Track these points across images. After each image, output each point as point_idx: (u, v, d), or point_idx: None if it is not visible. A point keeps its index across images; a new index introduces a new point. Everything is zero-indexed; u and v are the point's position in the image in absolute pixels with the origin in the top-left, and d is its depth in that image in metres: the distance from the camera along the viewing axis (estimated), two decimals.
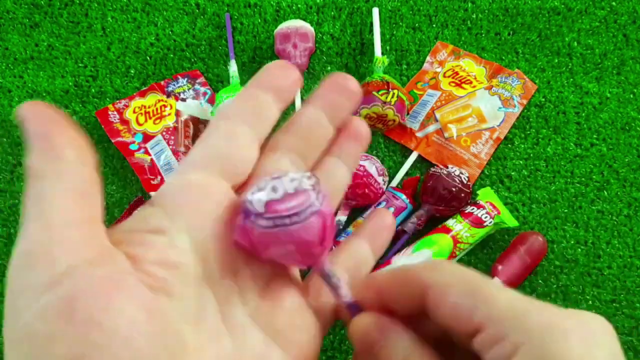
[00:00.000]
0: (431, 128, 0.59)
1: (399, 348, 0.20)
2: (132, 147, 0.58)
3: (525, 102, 0.60)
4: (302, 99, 0.61)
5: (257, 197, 0.18)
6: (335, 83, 0.22)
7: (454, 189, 0.53)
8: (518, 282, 0.52)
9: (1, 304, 0.53)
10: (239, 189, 0.21)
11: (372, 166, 0.54)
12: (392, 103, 0.55)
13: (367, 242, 0.24)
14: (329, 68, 0.64)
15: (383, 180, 0.55)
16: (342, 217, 0.55)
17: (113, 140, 0.59)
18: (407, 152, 0.59)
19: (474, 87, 0.61)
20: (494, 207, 0.53)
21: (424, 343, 0.20)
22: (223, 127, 0.22)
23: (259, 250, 0.18)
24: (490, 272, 0.52)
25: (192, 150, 0.21)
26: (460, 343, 0.19)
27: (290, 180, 0.18)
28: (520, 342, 0.16)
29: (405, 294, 0.20)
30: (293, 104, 0.60)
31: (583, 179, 0.58)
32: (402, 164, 0.58)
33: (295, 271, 0.23)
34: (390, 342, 0.20)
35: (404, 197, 0.55)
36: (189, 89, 0.62)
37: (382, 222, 0.24)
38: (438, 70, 0.63)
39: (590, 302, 0.54)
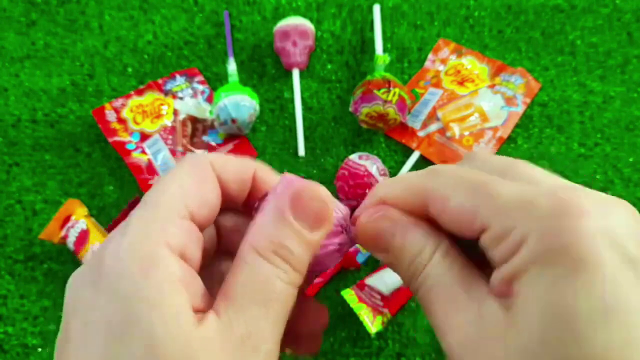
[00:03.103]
0: (433, 127, 0.59)
1: (413, 239, 0.19)
2: (129, 146, 0.58)
3: (528, 100, 0.59)
4: (302, 98, 0.60)
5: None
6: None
7: None
8: None
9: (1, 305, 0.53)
10: None
11: (373, 166, 0.53)
12: (394, 102, 0.54)
13: None
14: (329, 66, 0.63)
15: (384, 180, 0.54)
16: None
17: (110, 140, 0.58)
18: (408, 152, 0.59)
19: (477, 85, 0.60)
20: None
21: (440, 233, 0.19)
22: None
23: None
24: None
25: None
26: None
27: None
28: (527, 231, 0.15)
29: (410, 204, 0.19)
30: (292, 103, 0.60)
31: (587, 178, 0.57)
32: (403, 163, 0.58)
33: None
34: (403, 232, 0.19)
35: None
36: (187, 88, 0.61)
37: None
38: (440, 68, 0.62)
39: None
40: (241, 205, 0.22)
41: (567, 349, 0.14)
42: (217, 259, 0.22)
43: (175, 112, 0.59)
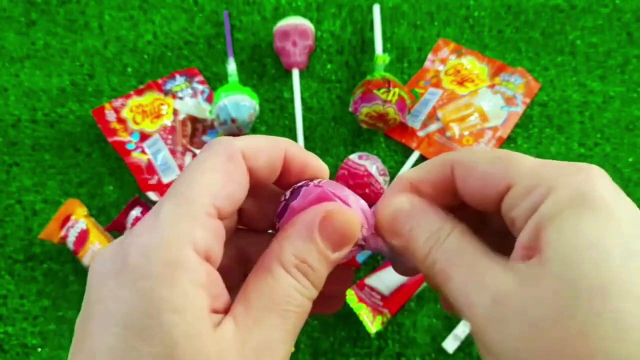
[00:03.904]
0: (433, 127, 0.59)
1: (431, 217, 0.20)
2: (129, 146, 0.58)
3: (528, 100, 0.59)
4: (301, 98, 0.60)
5: None
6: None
7: None
8: None
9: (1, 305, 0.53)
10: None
11: (373, 166, 0.53)
12: (393, 102, 0.54)
13: None
14: (329, 66, 0.63)
15: (384, 180, 0.54)
16: None
17: (110, 140, 0.58)
18: (408, 152, 0.59)
19: (477, 85, 0.60)
20: None
21: (455, 218, 0.20)
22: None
23: None
24: None
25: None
26: (488, 219, 0.20)
27: None
28: (554, 184, 0.17)
29: (436, 175, 0.21)
30: (292, 103, 0.60)
31: None
32: (403, 163, 0.58)
33: None
34: (421, 212, 0.20)
35: None
36: (186, 88, 0.61)
37: None
38: (440, 68, 0.62)
39: None
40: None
41: (604, 283, 0.15)
42: (234, 234, 0.23)
43: (175, 112, 0.59)
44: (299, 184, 0.21)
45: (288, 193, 0.21)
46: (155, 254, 0.16)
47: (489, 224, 0.21)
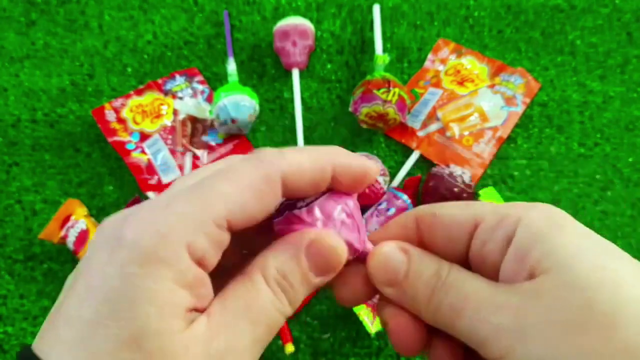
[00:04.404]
0: (433, 127, 0.59)
1: (428, 261, 0.20)
2: (129, 146, 0.58)
3: (528, 100, 0.59)
4: (301, 98, 0.60)
5: None
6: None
7: (455, 189, 0.52)
8: None
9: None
10: None
11: None
12: (393, 102, 0.54)
13: None
14: (329, 66, 0.63)
15: (384, 180, 0.54)
16: None
17: (109, 140, 0.58)
18: (408, 152, 0.59)
19: (476, 85, 0.60)
20: None
21: (451, 262, 0.20)
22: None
23: None
24: None
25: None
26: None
27: None
28: (521, 215, 0.18)
29: (401, 235, 0.22)
30: (292, 103, 0.60)
31: (586, 179, 0.57)
32: (403, 163, 0.58)
33: None
34: (418, 257, 0.21)
35: (405, 197, 0.54)
36: (186, 88, 0.61)
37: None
38: (440, 68, 0.62)
39: None
40: None
41: (601, 280, 0.16)
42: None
43: (175, 112, 0.59)
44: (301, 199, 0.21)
45: (303, 200, 0.21)
46: (151, 245, 0.16)
47: None
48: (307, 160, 0.19)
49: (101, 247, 0.17)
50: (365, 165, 0.20)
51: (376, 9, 0.62)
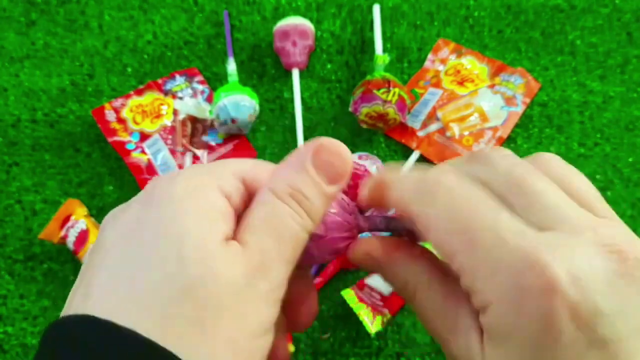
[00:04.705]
0: (433, 127, 0.59)
1: (398, 272, 0.21)
2: (129, 146, 0.58)
3: (528, 100, 0.59)
4: (301, 98, 0.60)
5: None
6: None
7: None
8: None
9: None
10: None
11: (373, 166, 0.53)
12: (393, 102, 0.54)
13: None
14: (329, 66, 0.63)
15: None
16: None
17: (109, 140, 0.58)
18: (408, 152, 0.59)
19: (476, 85, 0.60)
20: None
21: (432, 267, 0.21)
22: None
23: None
24: None
25: None
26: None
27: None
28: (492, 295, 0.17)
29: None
30: (292, 103, 0.60)
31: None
32: (403, 163, 0.58)
33: None
34: (394, 265, 0.22)
35: None
36: (186, 88, 0.61)
37: None
38: (440, 68, 0.62)
39: None
40: None
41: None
42: None
43: (175, 112, 0.59)
44: None
45: None
46: (181, 184, 0.18)
47: None
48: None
49: (131, 213, 0.19)
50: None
51: (376, 9, 0.62)
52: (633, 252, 0.15)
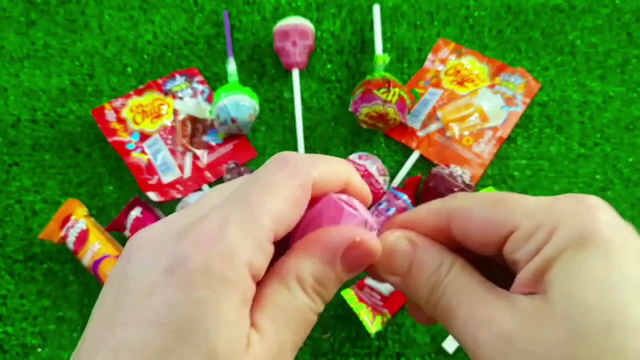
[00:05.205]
0: (433, 127, 0.59)
1: (432, 253, 0.20)
2: (129, 146, 0.58)
3: (528, 100, 0.59)
4: (301, 98, 0.60)
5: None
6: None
7: (456, 189, 0.52)
8: None
9: None
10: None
11: (373, 166, 0.53)
12: (393, 102, 0.54)
13: None
14: (329, 66, 0.63)
15: (384, 180, 0.54)
16: None
17: (109, 140, 0.58)
18: (408, 152, 0.59)
19: (476, 85, 0.60)
20: None
21: (455, 253, 0.20)
22: None
23: None
24: None
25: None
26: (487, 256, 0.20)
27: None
28: (555, 225, 0.17)
29: (431, 224, 0.21)
30: (292, 103, 0.60)
31: (586, 179, 0.57)
32: (403, 163, 0.58)
33: None
34: (421, 248, 0.20)
35: (405, 197, 0.54)
36: (186, 87, 0.61)
37: None
38: (440, 68, 0.62)
39: None
40: None
41: (609, 320, 0.15)
42: None
43: (175, 112, 0.59)
44: None
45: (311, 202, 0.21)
46: (218, 267, 0.16)
47: (487, 259, 0.22)
48: (331, 171, 0.20)
49: (156, 271, 0.17)
50: (366, 189, 0.22)
51: (376, 9, 0.62)
52: None
